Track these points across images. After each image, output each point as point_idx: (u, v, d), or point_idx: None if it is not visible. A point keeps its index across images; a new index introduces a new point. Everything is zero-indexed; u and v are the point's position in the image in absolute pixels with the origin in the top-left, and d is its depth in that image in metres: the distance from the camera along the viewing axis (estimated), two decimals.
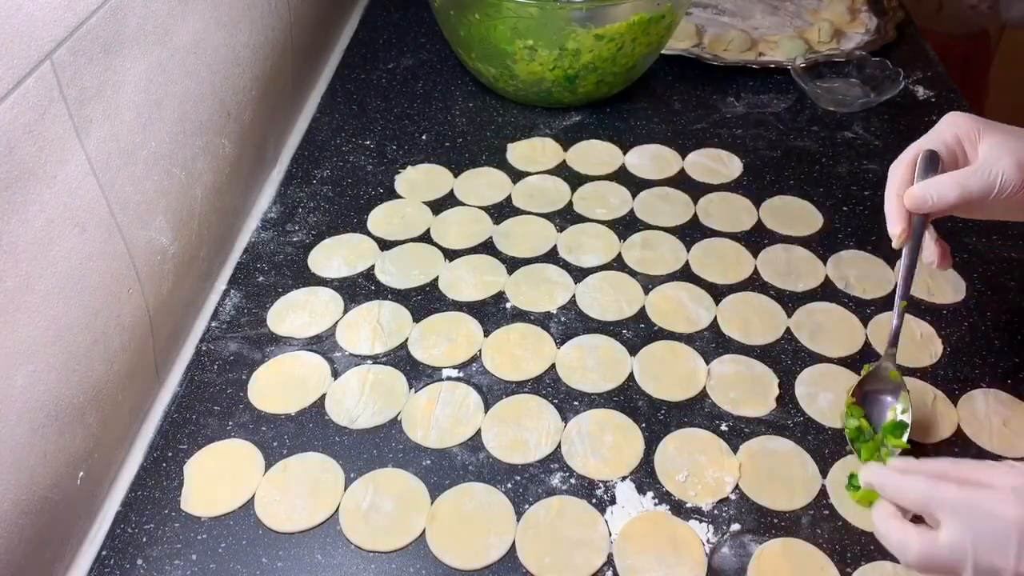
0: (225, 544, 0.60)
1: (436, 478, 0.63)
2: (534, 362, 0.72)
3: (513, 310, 0.77)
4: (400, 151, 0.97)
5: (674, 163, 0.95)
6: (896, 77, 1.02)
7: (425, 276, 0.81)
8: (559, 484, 0.63)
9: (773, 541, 0.59)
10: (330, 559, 0.59)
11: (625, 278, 0.80)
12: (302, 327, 0.75)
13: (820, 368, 0.71)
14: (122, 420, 0.67)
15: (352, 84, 1.10)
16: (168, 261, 0.72)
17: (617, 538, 0.59)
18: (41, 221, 0.55)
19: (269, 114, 0.95)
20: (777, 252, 0.82)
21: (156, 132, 0.69)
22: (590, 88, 1.00)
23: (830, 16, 1.18)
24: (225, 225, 0.86)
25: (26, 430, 0.55)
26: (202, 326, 0.77)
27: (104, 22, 0.60)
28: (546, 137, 0.99)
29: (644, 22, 0.93)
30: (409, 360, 0.72)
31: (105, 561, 0.59)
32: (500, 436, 0.66)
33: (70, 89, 0.57)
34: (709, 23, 1.18)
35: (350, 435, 0.67)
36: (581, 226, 0.86)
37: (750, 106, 1.04)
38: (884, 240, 0.82)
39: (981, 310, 0.76)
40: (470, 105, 1.06)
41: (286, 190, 0.92)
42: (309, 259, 0.83)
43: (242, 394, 0.70)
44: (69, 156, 0.57)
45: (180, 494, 0.63)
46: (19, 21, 0.51)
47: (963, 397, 0.68)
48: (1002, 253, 0.82)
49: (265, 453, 0.65)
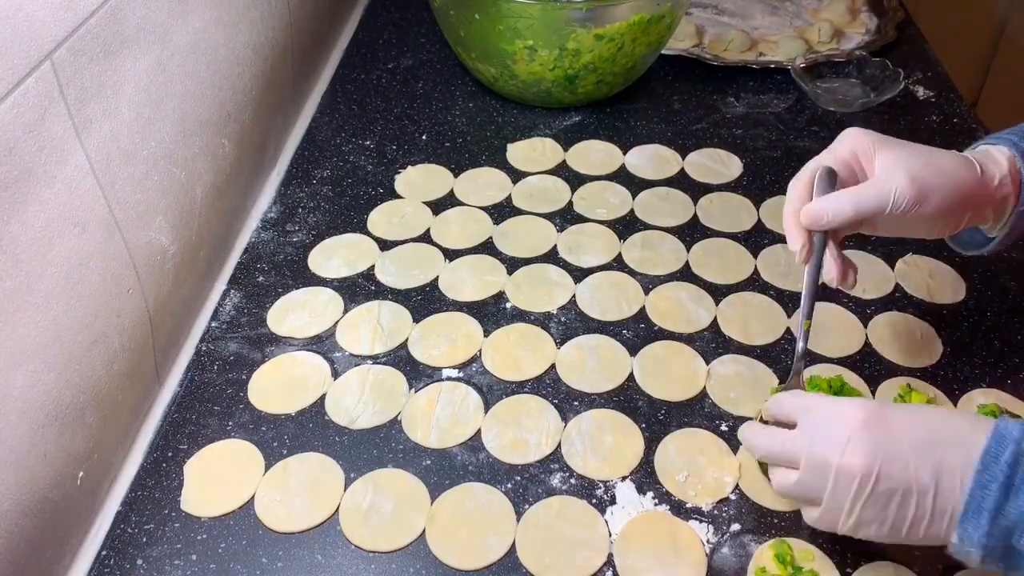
0: (225, 544, 0.60)
1: (436, 478, 0.63)
2: (534, 362, 0.72)
3: (513, 310, 0.77)
4: (400, 151, 0.97)
5: (674, 163, 0.95)
6: (896, 77, 1.02)
7: (425, 276, 0.81)
8: (559, 484, 0.63)
9: (773, 541, 0.59)
10: (330, 559, 0.59)
11: (625, 278, 0.80)
12: (302, 327, 0.75)
13: (820, 368, 0.71)
14: (122, 420, 0.67)
15: (352, 84, 1.10)
16: (168, 261, 0.73)
17: (617, 538, 0.59)
18: (41, 221, 0.55)
19: (269, 114, 0.96)
20: (777, 252, 0.82)
21: (156, 132, 0.69)
22: (590, 88, 1.00)
23: (830, 16, 1.18)
24: (225, 225, 0.86)
25: (26, 430, 0.55)
26: (202, 326, 0.77)
27: (104, 22, 0.60)
28: (546, 137, 0.99)
29: (644, 22, 0.93)
30: (409, 360, 0.72)
31: (105, 561, 0.59)
32: (500, 436, 0.66)
33: (70, 89, 0.57)
34: (709, 23, 1.18)
35: (350, 435, 0.67)
36: (581, 226, 0.87)
37: (750, 106, 1.04)
38: (884, 240, 0.82)
39: (981, 310, 0.76)
40: (470, 105, 1.06)
41: (286, 190, 0.92)
42: (309, 259, 0.83)
43: (242, 394, 0.70)
44: (69, 156, 0.57)
45: (180, 494, 0.63)
46: (19, 21, 0.51)
47: (963, 397, 0.68)
48: (1002, 253, 0.81)
49: (265, 453, 0.65)
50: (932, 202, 0.58)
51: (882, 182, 0.58)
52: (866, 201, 0.58)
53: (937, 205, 0.58)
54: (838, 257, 0.61)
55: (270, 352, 0.73)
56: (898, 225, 0.60)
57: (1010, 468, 0.46)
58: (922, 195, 0.57)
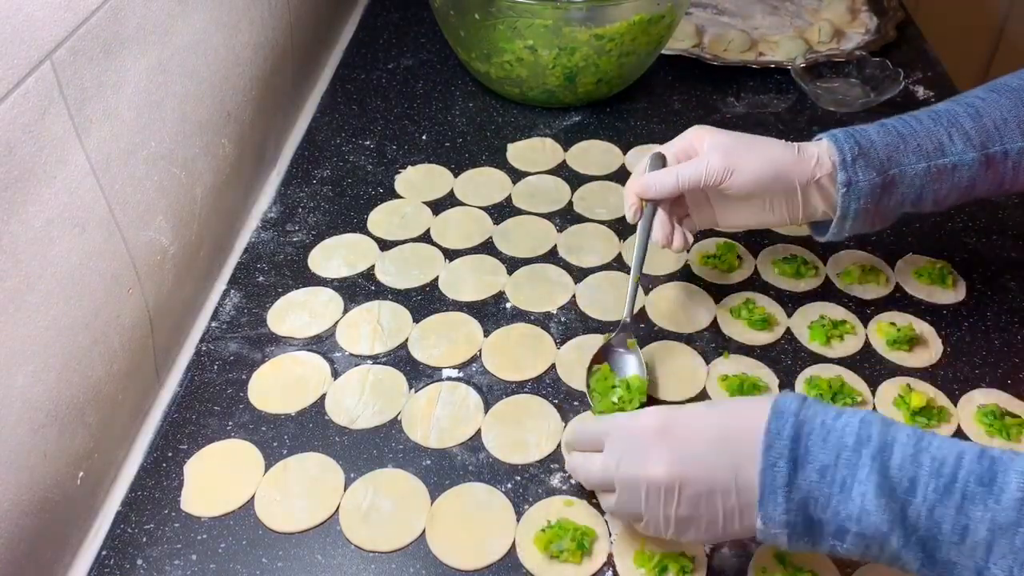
0: (225, 544, 0.60)
1: (436, 478, 0.63)
2: (534, 362, 0.72)
3: (513, 310, 0.77)
4: (400, 151, 0.97)
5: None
6: (896, 77, 1.02)
7: (425, 276, 0.81)
8: (559, 484, 0.63)
9: None
10: (330, 559, 0.58)
11: (625, 278, 0.80)
12: (302, 327, 0.75)
13: (820, 368, 0.71)
14: (122, 420, 0.67)
15: (352, 84, 1.10)
16: (168, 261, 0.73)
17: (617, 538, 0.59)
18: (41, 221, 0.55)
19: (269, 114, 0.96)
20: (777, 252, 0.82)
21: (156, 132, 0.69)
22: (590, 88, 1.00)
23: (830, 16, 1.18)
24: (225, 225, 0.86)
25: (26, 430, 0.55)
26: (202, 326, 0.77)
27: (104, 22, 0.60)
28: (546, 137, 0.99)
29: (644, 22, 0.93)
30: (409, 360, 0.72)
31: (105, 561, 0.59)
32: (500, 436, 0.66)
33: (70, 89, 0.57)
34: (709, 23, 1.18)
35: (350, 435, 0.67)
36: (581, 226, 0.86)
37: (750, 106, 1.04)
38: (884, 240, 0.83)
39: (981, 310, 0.76)
40: (470, 105, 1.06)
41: (286, 190, 0.92)
42: (309, 259, 0.83)
43: (242, 394, 0.70)
44: (69, 156, 0.57)
45: (180, 494, 0.63)
46: (19, 21, 0.51)
47: (963, 397, 0.68)
48: (1002, 253, 0.82)
49: (265, 453, 0.65)
50: (745, 173, 0.66)
51: (699, 158, 0.68)
52: (684, 172, 0.67)
53: (752, 175, 0.66)
54: (667, 223, 0.70)
55: (270, 352, 0.73)
56: (733, 208, 0.70)
57: (793, 442, 0.48)
58: (732, 165, 0.66)
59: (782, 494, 0.47)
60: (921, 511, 0.45)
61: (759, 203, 0.68)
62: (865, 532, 0.46)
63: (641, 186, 0.69)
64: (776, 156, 0.67)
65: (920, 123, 0.67)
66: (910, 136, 0.66)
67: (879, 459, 0.47)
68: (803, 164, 0.66)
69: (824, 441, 0.48)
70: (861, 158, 0.65)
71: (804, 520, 0.48)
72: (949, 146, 0.66)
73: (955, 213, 0.86)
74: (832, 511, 0.47)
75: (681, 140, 0.71)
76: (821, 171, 0.66)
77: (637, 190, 0.70)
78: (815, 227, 0.72)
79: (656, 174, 0.69)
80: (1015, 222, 0.85)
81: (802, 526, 0.48)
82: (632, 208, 0.70)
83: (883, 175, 0.65)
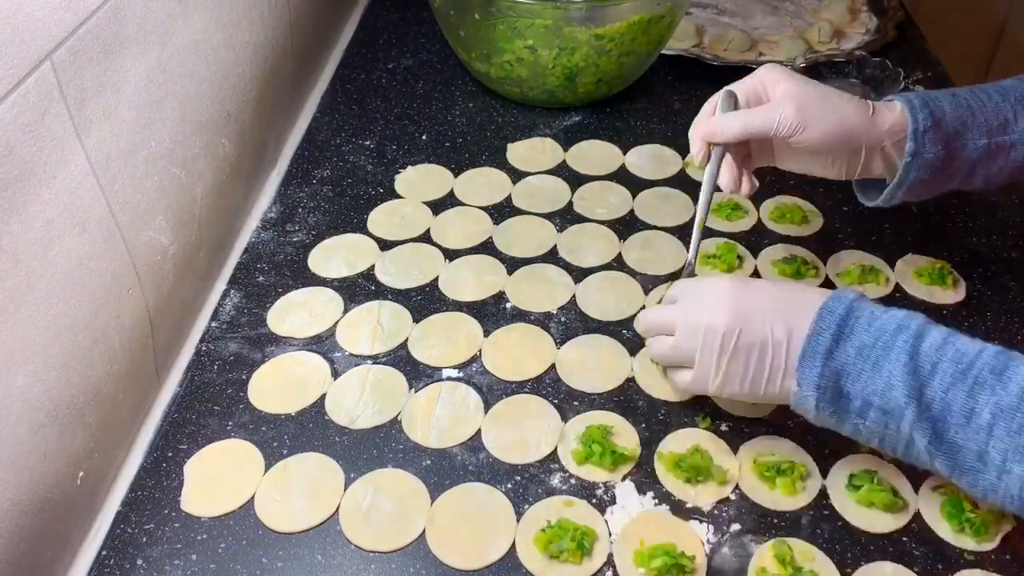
0: (225, 544, 0.60)
1: (436, 478, 0.63)
2: (534, 362, 0.72)
3: (513, 310, 0.77)
4: (400, 151, 0.97)
5: (674, 163, 0.95)
6: (896, 77, 1.02)
7: (425, 276, 0.81)
8: (559, 484, 0.63)
9: (773, 541, 0.59)
10: (330, 559, 0.59)
11: (625, 278, 0.80)
12: (302, 327, 0.75)
13: None
14: (122, 420, 0.67)
15: (352, 84, 1.10)
16: (168, 261, 0.73)
17: (617, 538, 0.59)
18: (41, 221, 0.55)
19: (269, 114, 0.96)
20: (777, 252, 0.82)
21: (156, 132, 0.69)
22: (590, 88, 1.00)
23: (830, 16, 1.18)
24: (225, 225, 0.86)
25: (26, 430, 0.55)
26: (202, 326, 0.77)
27: (104, 22, 0.60)
28: (546, 137, 0.99)
29: (644, 22, 0.93)
30: (409, 360, 0.72)
31: (105, 561, 0.59)
32: (500, 436, 0.66)
33: (70, 89, 0.57)
34: (709, 23, 1.18)
35: (350, 435, 0.67)
36: (581, 226, 0.86)
37: None
38: (884, 240, 0.83)
39: (981, 310, 0.76)
40: (470, 105, 1.06)
41: (286, 190, 0.92)
42: (309, 259, 0.83)
43: (242, 394, 0.70)
44: (69, 156, 0.57)
45: (180, 494, 0.63)
46: (19, 21, 0.51)
47: None
48: (1002, 253, 0.82)
49: (265, 453, 0.65)
50: (817, 130, 0.64)
51: (772, 107, 0.65)
52: (754, 121, 0.65)
53: (822, 133, 0.64)
54: (735, 168, 0.68)
55: (270, 352, 0.73)
56: (794, 157, 0.69)
57: (842, 319, 0.54)
58: (805, 121, 0.64)
59: (820, 360, 0.53)
60: (936, 393, 0.51)
61: (823, 158, 0.68)
62: (886, 407, 0.52)
63: (709, 130, 0.67)
64: (849, 116, 0.65)
65: (989, 97, 0.66)
66: (979, 110, 0.65)
67: (911, 343, 0.52)
68: (875, 129, 0.65)
69: (869, 325, 0.54)
70: (932, 129, 0.64)
71: (834, 389, 0.53)
72: (1013, 124, 0.65)
73: (955, 213, 0.86)
74: (861, 385, 0.53)
75: (753, 79, 0.68)
76: (891, 138, 0.65)
77: (704, 134, 0.67)
78: (863, 190, 0.72)
79: (724, 119, 0.66)
80: (1015, 222, 0.85)
81: (831, 393, 0.53)
82: (700, 153, 0.68)
83: (948, 148, 0.64)
